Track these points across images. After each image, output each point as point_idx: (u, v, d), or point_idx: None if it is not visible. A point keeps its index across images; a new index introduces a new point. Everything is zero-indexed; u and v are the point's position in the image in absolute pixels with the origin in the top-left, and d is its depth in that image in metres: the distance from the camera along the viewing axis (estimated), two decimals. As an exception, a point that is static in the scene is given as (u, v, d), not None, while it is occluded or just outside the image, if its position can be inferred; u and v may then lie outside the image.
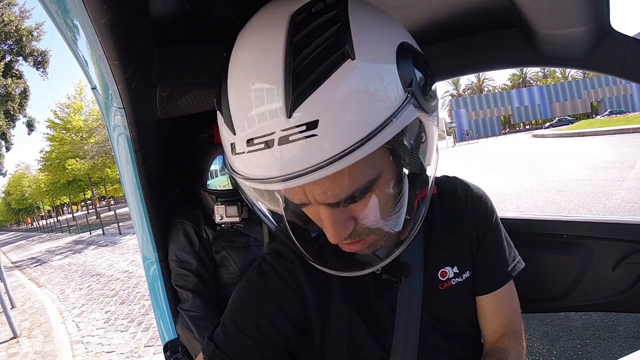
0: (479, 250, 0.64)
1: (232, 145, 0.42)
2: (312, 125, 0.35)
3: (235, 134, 0.41)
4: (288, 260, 0.61)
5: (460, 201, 0.65)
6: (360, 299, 0.59)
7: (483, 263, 0.64)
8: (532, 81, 61.67)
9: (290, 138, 0.36)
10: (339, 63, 0.36)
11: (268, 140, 0.37)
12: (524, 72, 60.06)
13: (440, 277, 0.61)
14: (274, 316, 0.57)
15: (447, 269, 0.62)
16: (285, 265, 0.60)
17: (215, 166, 1.12)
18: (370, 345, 0.59)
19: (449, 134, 39.97)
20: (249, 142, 0.39)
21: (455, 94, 63.79)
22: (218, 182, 1.13)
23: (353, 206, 0.44)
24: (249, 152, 0.39)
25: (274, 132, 0.37)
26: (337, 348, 0.59)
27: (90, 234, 15.48)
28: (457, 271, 0.62)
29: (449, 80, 12.80)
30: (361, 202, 0.44)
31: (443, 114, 54.86)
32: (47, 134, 23.57)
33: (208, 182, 1.13)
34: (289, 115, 0.36)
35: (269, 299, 0.58)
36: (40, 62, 22.06)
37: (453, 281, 0.62)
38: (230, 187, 1.12)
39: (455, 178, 0.69)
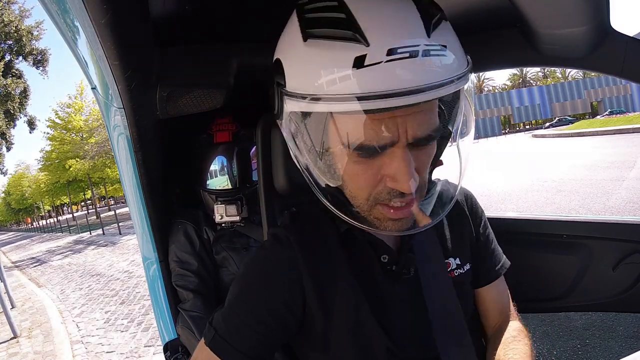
0: (477, 245, 0.70)
1: (359, 58, 0.40)
2: (444, 47, 0.43)
3: (368, 45, 0.40)
4: (287, 246, 0.59)
5: (457, 200, 0.69)
6: (369, 288, 0.58)
7: (482, 256, 0.70)
8: (532, 81, 61.66)
9: (431, 52, 0.41)
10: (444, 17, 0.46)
11: (412, 51, 0.40)
12: (524, 72, 60.08)
13: (446, 267, 0.64)
14: (273, 305, 0.57)
15: (451, 260, 0.65)
16: (285, 253, 0.59)
17: (214, 166, 1.12)
18: (378, 334, 0.57)
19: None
20: (391, 51, 0.40)
21: (455, 94, 63.53)
22: (217, 182, 1.12)
23: (421, 155, 0.47)
24: (389, 61, 0.40)
25: (419, 45, 0.40)
26: (342, 337, 0.58)
27: (90, 234, 15.47)
28: (459, 263, 0.65)
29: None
30: (426, 151, 0.48)
31: (443, 114, 54.68)
32: (48, 133, 23.59)
33: (207, 182, 1.13)
34: (429, 35, 0.42)
35: (268, 288, 0.58)
36: (40, 61, 22.03)
37: (456, 272, 0.65)
38: (230, 187, 1.12)
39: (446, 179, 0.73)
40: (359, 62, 0.40)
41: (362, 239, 0.60)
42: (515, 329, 0.68)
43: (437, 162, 0.55)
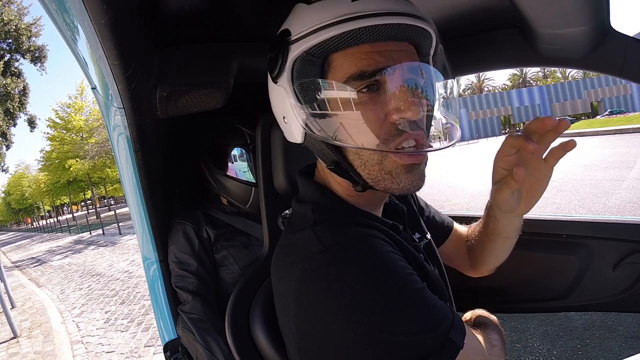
0: (425, 214, 0.83)
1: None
2: None
3: None
4: (379, 240, 0.51)
5: None
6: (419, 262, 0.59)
7: (431, 221, 0.83)
8: (532, 81, 61.67)
9: None
10: None
11: None
12: (524, 72, 60.07)
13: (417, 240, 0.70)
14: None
15: (414, 235, 0.71)
16: (387, 246, 0.51)
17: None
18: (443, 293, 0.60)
19: (448, 134, 39.88)
20: None
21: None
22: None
23: (421, 95, 0.49)
24: None
25: None
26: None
27: (90, 234, 15.47)
28: (419, 236, 0.72)
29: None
30: (425, 93, 0.49)
31: (443, 114, 54.79)
32: (48, 133, 23.61)
33: (248, 174, 1.11)
34: None
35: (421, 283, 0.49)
36: (38, 57, 21.96)
37: (420, 244, 0.69)
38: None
39: None
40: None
41: (405, 234, 0.63)
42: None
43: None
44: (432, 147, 0.51)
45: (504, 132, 48.44)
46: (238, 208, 1.14)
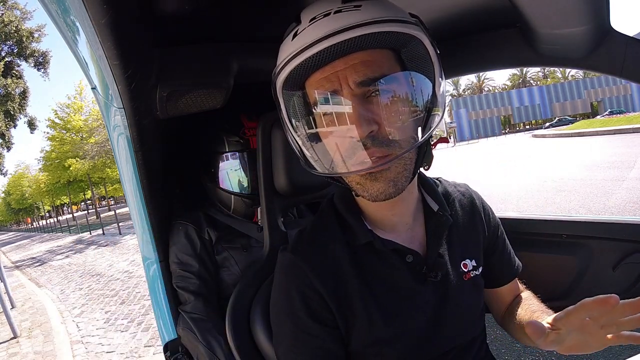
0: (494, 249, 0.74)
1: (295, 33, 0.53)
2: (358, 6, 0.50)
3: (300, 22, 0.53)
4: (301, 270, 0.61)
5: (475, 203, 0.73)
6: (387, 295, 0.60)
7: (497, 257, 0.74)
8: (532, 81, 61.69)
9: (343, 10, 0.50)
10: None
11: (326, 13, 0.50)
12: (524, 72, 60.08)
13: (463, 269, 0.66)
14: (321, 335, 0.59)
15: (467, 261, 0.67)
16: (301, 279, 0.60)
17: (249, 171, 1.10)
18: (390, 344, 0.59)
19: (449, 136, 40.00)
20: (312, 19, 0.51)
21: (455, 94, 63.86)
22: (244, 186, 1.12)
23: (374, 107, 0.52)
24: (310, 25, 0.51)
25: (332, 9, 0.51)
26: (359, 350, 0.60)
27: (91, 233, 15.47)
28: (475, 264, 0.67)
29: (449, 80, 12.76)
30: (380, 103, 0.52)
31: (443, 114, 54.76)
32: (47, 133, 23.61)
33: (242, 187, 1.11)
34: (344, 2, 0.51)
35: (307, 321, 0.59)
36: (41, 62, 22.03)
37: (472, 273, 0.66)
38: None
39: (467, 184, 0.78)
40: (294, 35, 0.53)
41: (383, 248, 0.61)
42: (526, 296, 0.77)
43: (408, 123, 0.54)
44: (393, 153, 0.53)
45: (503, 132, 48.47)
46: (228, 213, 1.14)
